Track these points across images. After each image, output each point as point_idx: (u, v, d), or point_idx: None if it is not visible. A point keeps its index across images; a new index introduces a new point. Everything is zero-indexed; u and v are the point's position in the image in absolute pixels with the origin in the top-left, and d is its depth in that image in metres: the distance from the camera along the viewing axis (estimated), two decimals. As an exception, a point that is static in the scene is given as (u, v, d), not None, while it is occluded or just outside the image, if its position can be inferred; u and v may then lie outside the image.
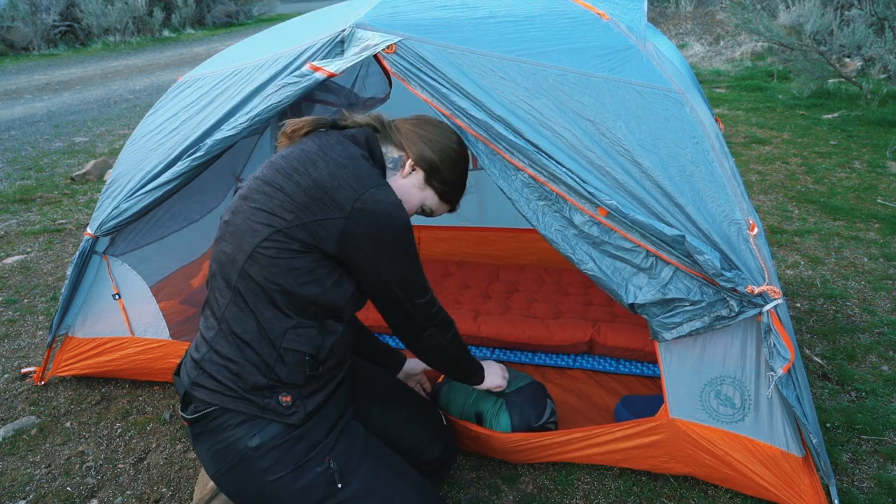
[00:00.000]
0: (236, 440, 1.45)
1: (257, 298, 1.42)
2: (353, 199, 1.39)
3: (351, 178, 1.41)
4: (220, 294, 1.48)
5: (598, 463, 1.99)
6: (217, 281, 1.49)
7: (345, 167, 1.43)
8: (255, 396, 1.44)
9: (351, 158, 1.46)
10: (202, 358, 1.48)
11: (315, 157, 1.45)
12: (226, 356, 1.45)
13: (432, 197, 1.65)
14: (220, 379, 1.45)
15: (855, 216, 3.92)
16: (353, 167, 1.44)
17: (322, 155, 1.45)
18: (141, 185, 2.11)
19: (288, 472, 1.45)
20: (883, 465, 2.02)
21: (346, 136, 1.54)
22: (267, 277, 1.41)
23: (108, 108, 8.29)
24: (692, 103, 1.70)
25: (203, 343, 1.50)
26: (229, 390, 1.44)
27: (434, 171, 1.61)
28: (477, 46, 1.73)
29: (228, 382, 1.44)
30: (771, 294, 1.55)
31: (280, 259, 1.40)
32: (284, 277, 1.40)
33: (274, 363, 1.43)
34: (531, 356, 2.54)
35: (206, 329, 1.52)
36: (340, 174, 1.42)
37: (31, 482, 2.10)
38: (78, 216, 4.52)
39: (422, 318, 1.59)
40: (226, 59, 2.26)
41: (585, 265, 1.66)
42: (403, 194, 1.60)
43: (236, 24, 18.28)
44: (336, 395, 1.58)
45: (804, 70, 6.66)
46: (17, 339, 2.96)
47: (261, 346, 1.43)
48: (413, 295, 1.54)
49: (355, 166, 1.44)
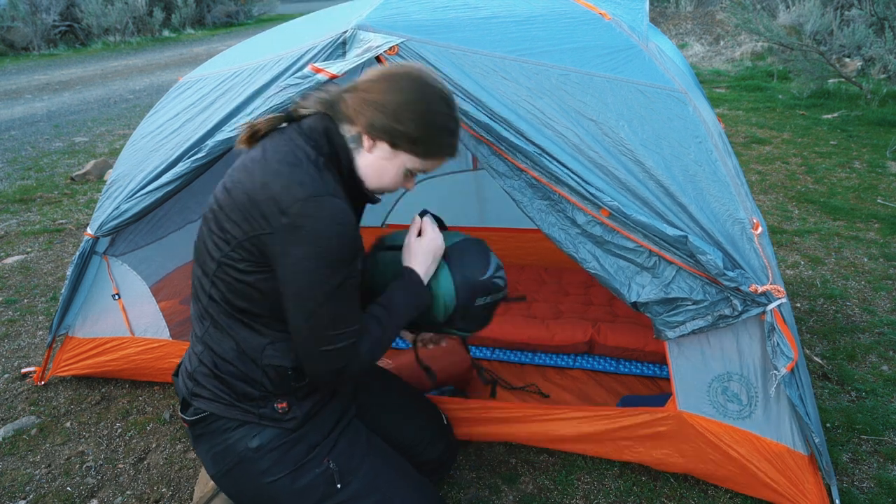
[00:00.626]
0: (236, 442, 1.45)
1: (230, 319, 1.41)
2: (280, 213, 1.26)
3: (282, 190, 1.27)
4: (198, 317, 1.49)
5: (602, 455, 1.99)
6: (195, 304, 1.49)
7: (279, 175, 1.29)
8: (249, 406, 1.45)
9: (290, 164, 1.31)
10: (194, 371, 1.49)
11: (253, 166, 1.34)
12: (214, 372, 1.45)
13: (411, 160, 1.41)
14: (214, 390, 1.46)
15: (855, 216, 3.92)
16: (287, 175, 1.29)
17: (262, 162, 1.33)
18: (141, 185, 2.11)
19: (287, 474, 1.45)
20: (883, 465, 2.02)
21: (304, 129, 1.40)
22: (230, 300, 1.39)
23: (108, 108, 8.29)
24: (695, 102, 1.70)
25: (194, 356, 1.51)
26: (225, 400, 1.45)
27: (396, 134, 1.36)
28: (479, 47, 1.73)
29: (222, 394, 1.45)
30: (775, 293, 1.55)
31: (236, 280, 1.35)
32: (245, 297, 1.37)
33: (260, 378, 1.43)
34: (531, 356, 2.54)
35: (194, 343, 1.52)
36: (272, 185, 1.28)
37: (31, 482, 2.10)
38: (78, 216, 4.52)
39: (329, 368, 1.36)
40: (227, 60, 2.26)
41: (589, 264, 1.66)
42: (376, 170, 1.41)
43: (236, 24, 18.28)
44: (337, 395, 1.58)
45: (804, 70, 6.66)
46: (17, 339, 2.96)
47: (243, 364, 1.43)
48: (320, 340, 1.32)
49: (290, 174, 1.29)
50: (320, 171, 1.34)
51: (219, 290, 1.40)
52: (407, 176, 1.45)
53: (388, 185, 1.45)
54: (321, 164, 1.35)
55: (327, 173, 1.35)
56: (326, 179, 1.33)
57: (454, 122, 1.41)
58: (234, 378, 1.44)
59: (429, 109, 1.37)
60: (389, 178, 1.43)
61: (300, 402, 1.48)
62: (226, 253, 1.34)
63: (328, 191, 1.30)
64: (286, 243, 1.27)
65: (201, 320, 1.47)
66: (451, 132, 1.41)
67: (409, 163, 1.41)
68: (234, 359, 1.43)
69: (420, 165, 1.42)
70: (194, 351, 1.50)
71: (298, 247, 1.26)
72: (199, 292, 1.45)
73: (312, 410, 1.50)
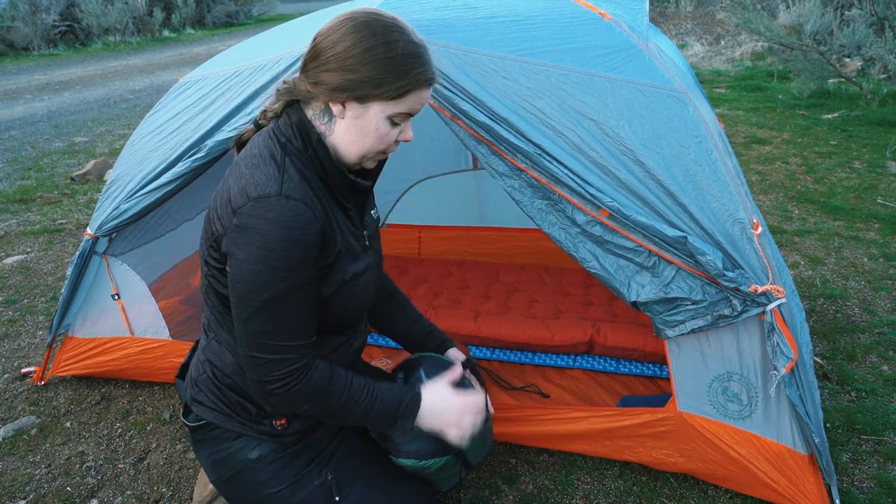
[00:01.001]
0: (236, 452, 1.44)
1: (226, 333, 1.40)
2: (233, 214, 1.21)
3: (238, 191, 1.22)
4: (204, 327, 1.48)
5: (602, 455, 1.99)
6: (202, 313, 1.48)
7: (241, 177, 1.24)
8: (248, 421, 1.44)
9: (252, 165, 1.25)
10: (198, 378, 1.48)
11: (230, 170, 1.29)
12: (215, 383, 1.45)
13: (384, 106, 1.23)
14: (215, 400, 1.45)
15: (855, 216, 3.92)
16: (248, 175, 1.23)
17: (235, 166, 1.29)
18: (141, 185, 2.11)
19: (286, 486, 1.44)
20: (883, 465, 2.02)
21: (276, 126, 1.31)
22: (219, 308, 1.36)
23: (108, 108, 8.29)
24: (695, 102, 1.70)
25: (198, 363, 1.49)
26: (224, 412, 1.44)
27: (356, 86, 1.21)
28: (479, 46, 1.73)
29: (223, 406, 1.44)
30: (774, 293, 1.55)
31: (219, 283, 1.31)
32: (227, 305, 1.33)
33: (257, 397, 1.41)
34: (531, 356, 2.54)
35: (199, 350, 1.51)
36: (233, 186, 1.24)
37: (31, 482, 2.10)
38: (78, 216, 4.52)
39: (252, 377, 1.29)
40: (227, 60, 2.26)
41: (588, 263, 1.66)
42: (355, 132, 1.26)
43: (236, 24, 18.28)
44: None
45: (804, 70, 6.66)
46: (17, 339, 2.96)
47: (241, 381, 1.41)
48: (253, 346, 1.24)
49: (251, 174, 1.23)
50: (281, 169, 1.24)
51: (214, 303, 1.38)
52: (393, 126, 1.27)
53: (373, 143, 1.27)
54: (286, 162, 1.26)
55: (292, 171, 1.25)
56: (288, 178, 1.23)
57: (413, 45, 1.22)
58: (232, 392, 1.42)
59: (377, 43, 1.20)
60: (372, 135, 1.26)
61: (298, 416, 1.46)
62: (204, 257, 1.33)
63: (282, 191, 1.20)
64: (233, 244, 1.21)
65: (206, 332, 1.46)
66: (415, 57, 1.22)
67: (385, 110, 1.24)
68: (233, 374, 1.41)
69: (397, 108, 1.24)
70: (199, 358, 1.49)
71: (242, 248, 1.19)
72: (203, 304, 1.44)
73: (312, 425, 1.49)
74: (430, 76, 1.24)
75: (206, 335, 1.46)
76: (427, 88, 1.25)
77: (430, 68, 1.24)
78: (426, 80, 1.24)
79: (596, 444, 1.96)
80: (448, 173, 3.43)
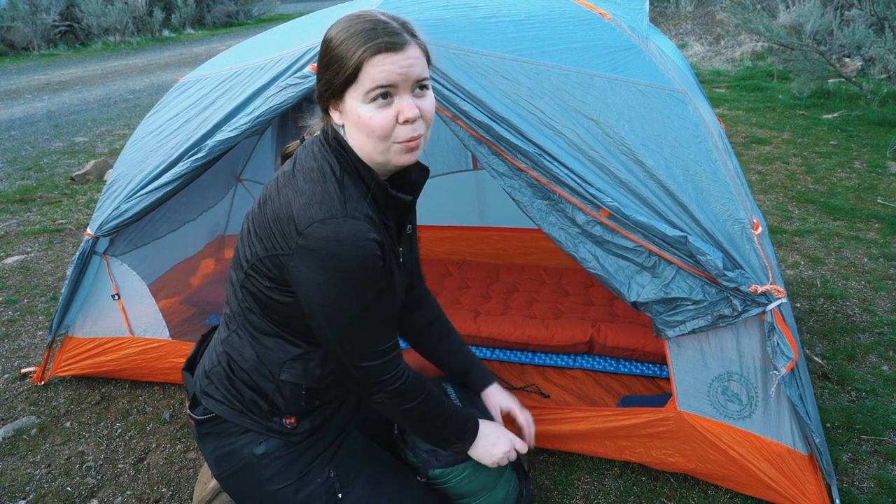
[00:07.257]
0: (241, 447, 1.45)
1: (255, 330, 1.40)
2: (297, 235, 1.21)
3: (301, 209, 1.21)
4: (226, 320, 1.48)
5: (601, 455, 1.99)
6: (226, 306, 1.48)
7: (302, 193, 1.23)
8: (259, 418, 1.44)
9: (313, 181, 1.25)
10: (211, 370, 1.48)
11: (283, 182, 1.28)
12: (229, 376, 1.45)
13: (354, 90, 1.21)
14: (226, 394, 1.45)
15: (855, 216, 3.92)
16: (310, 193, 1.23)
17: (290, 178, 1.28)
18: (141, 185, 2.11)
19: (290, 483, 1.44)
20: (883, 465, 2.02)
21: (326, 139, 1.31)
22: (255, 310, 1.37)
23: (108, 108, 8.29)
24: (695, 102, 1.70)
25: (214, 355, 1.49)
26: (235, 406, 1.44)
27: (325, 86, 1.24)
28: (479, 46, 1.73)
29: (234, 400, 1.45)
30: (775, 293, 1.55)
31: (261, 293, 1.33)
32: (270, 310, 1.35)
33: (272, 394, 1.42)
34: (531, 356, 2.54)
35: (217, 342, 1.50)
36: (294, 203, 1.23)
37: (31, 482, 2.10)
38: (78, 216, 4.52)
39: (366, 382, 1.34)
40: (227, 60, 2.26)
41: (589, 263, 1.66)
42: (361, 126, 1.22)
43: (236, 24, 18.27)
44: (342, 409, 1.57)
45: (804, 70, 6.66)
46: (17, 339, 2.96)
47: (259, 376, 1.42)
48: (356, 357, 1.30)
49: (312, 191, 1.23)
50: (344, 188, 1.25)
51: (245, 300, 1.38)
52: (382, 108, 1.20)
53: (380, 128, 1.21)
54: (345, 180, 1.27)
55: (353, 189, 1.26)
56: (349, 196, 1.25)
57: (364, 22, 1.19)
58: (247, 388, 1.43)
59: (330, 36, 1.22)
60: (367, 127, 1.22)
61: (308, 417, 1.47)
62: (252, 264, 1.32)
63: (347, 212, 1.22)
64: (305, 266, 1.22)
65: (228, 324, 1.46)
66: (362, 33, 1.18)
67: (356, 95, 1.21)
68: (251, 369, 1.42)
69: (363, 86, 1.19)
70: (216, 350, 1.49)
71: (319, 272, 1.21)
72: (230, 296, 1.44)
73: (319, 424, 1.49)
74: (379, 42, 1.17)
75: (227, 327, 1.46)
76: (383, 54, 1.17)
77: (377, 35, 1.17)
78: (374, 48, 1.17)
79: (596, 444, 1.96)
80: (448, 173, 3.43)
